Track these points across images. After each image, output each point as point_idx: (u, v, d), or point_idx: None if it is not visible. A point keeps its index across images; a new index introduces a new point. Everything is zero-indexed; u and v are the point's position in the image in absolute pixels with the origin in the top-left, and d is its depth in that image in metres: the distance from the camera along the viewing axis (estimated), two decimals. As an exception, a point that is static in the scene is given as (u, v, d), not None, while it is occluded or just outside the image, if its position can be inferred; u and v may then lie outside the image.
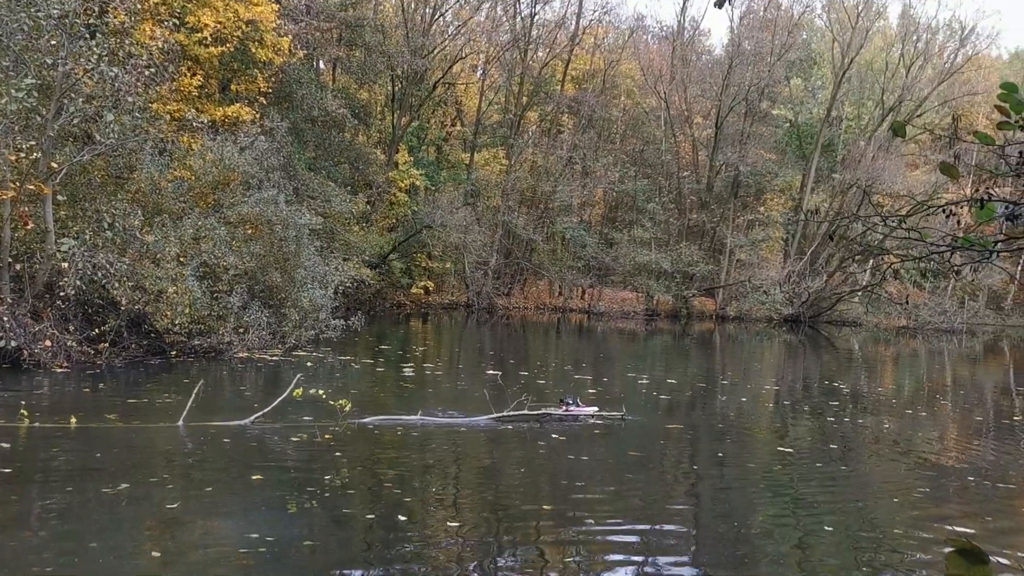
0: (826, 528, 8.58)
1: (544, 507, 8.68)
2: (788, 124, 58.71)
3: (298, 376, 13.40)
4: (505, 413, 13.14)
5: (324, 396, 12.47)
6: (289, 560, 6.74)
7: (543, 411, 13.56)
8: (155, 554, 6.70)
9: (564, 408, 13.69)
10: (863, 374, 26.37)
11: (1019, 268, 59.96)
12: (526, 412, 13.28)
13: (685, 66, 54.80)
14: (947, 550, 2.58)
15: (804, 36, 60.64)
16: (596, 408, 14.18)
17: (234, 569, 6.53)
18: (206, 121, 22.83)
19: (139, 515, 7.78)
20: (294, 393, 12.35)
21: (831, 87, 54.19)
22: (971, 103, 57.20)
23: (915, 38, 54.26)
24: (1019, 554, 7.89)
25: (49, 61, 15.96)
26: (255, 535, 7.20)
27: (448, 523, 8.07)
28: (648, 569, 7.00)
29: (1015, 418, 17.83)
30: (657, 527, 8.26)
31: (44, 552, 6.68)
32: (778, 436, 14.45)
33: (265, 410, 12.02)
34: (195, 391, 12.17)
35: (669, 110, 54.02)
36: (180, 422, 11.44)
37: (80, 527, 7.31)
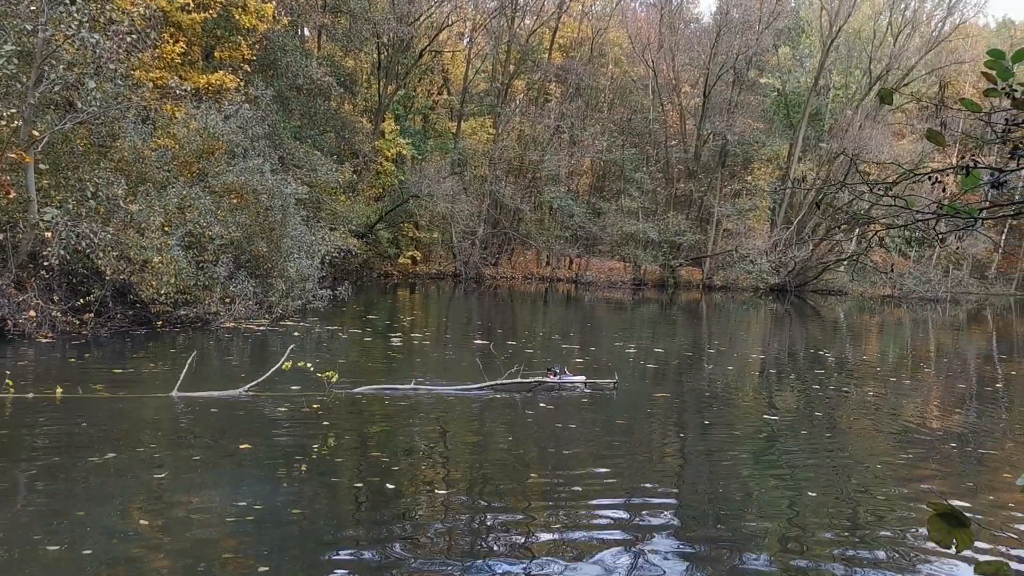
0: (810, 493, 8.67)
1: (531, 474, 8.73)
2: (776, 93, 58.58)
3: (291, 347, 13.40)
4: (498, 382, 13.19)
5: (311, 368, 12.48)
6: (277, 528, 6.77)
7: (536, 380, 13.62)
8: (143, 522, 6.72)
9: (553, 377, 13.75)
10: (848, 342, 26.54)
11: (1003, 236, 60.35)
12: (519, 380, 13.35)
13: (673, 34, 54.55)
14: (929, 514, 2.61)
15: (792, 4, 60.37)
16: (584, 377, 14.25)
17: (222, 537, 6.55)
18: (189, 89, 22.61)
19: (127, 484, 7.79)
20: (283, 366, 12.32)
21: (819, 56, 54.01)
22: (958, 72, 57.22)
23: (903, 6, 54.05)
24: (1000, 517, 8.00)
25: (29, 27, 15.74)
26: (243, 503, 7.22)
27: (436, 491, 8.12)
28: (634, 534, 7.06)
29: (997, 385, 18.01)
30: (643, 493, 8.33)
31: (32, 521, 6.68)
32: (764, 404, 14.55)
33: (259, 379, 12.02)
34: (188, 361, 12.16)
35: (657, 79, 53.82)
36: (174, 392, 11.42)
37: (68, 496, 7.31)
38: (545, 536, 6.90)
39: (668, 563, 6.47)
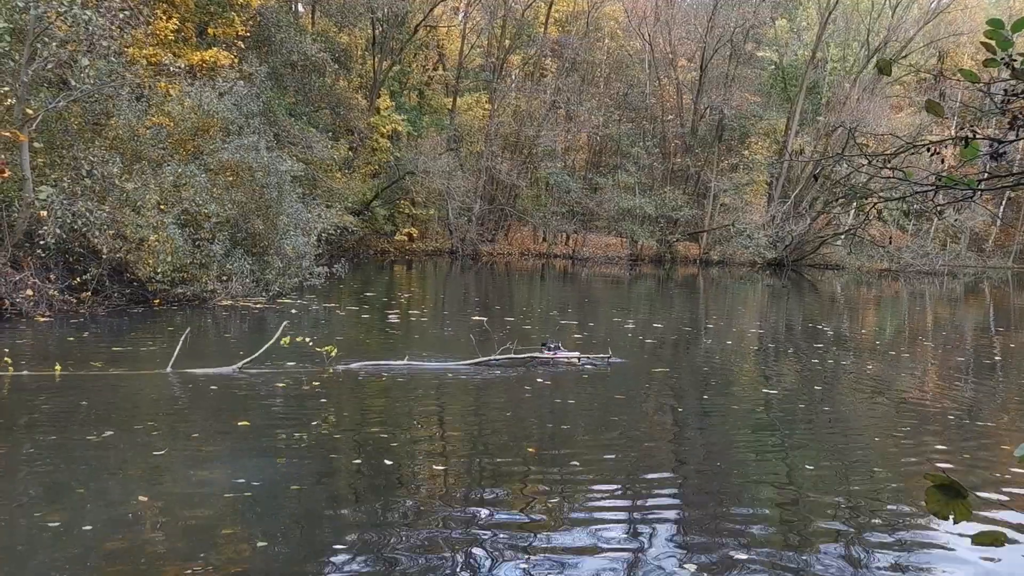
0: (807, 467, 8.71)
1: (529, 450, 8.76)
2: (773, 66, 58.26)
3: (284, 323, 13.41)
4: (491, 357, 13.19)
5: (310, 343, 12.48)
6: (276, 504, 6.79)
7: (528, 356, 13.61)
8: (142, 499, 6.73)
9: (548, 352, 13.75)
10: (846, 317, 26.59)
11: (1001, 209, 60.28)
12: (512, 356, 13.34)
13: (669, 7, 54.12)
14: (927, 486, 2.61)
15: (789, -24, 59.88)
16: (579, 352, 14.24)
17: (221, 513, 6.58)
18: (183, 66, 22.44)
19: (126, 461, 7.80)
20: (282, 341, 12.33)
21: (816, 28, 53.65)
22: (956, 44, 56.84)
23: (901, -23, 53.65)
24: (998, 488, 8.03)
25: (20, 4, 15.58)
26: (242, 480, 7.24)
27: (433, 466, 8.14)
28: (632, 508, 7.09)
29: (995, 357, 18.06)
30: (642, 468, 8.36)
31: (33, 498, 6.70)
32: (762, 378, 14.59)
33: (252, 356, 12.05)
34: (182, 338, 12.19)
35: (653, 53, 53.47)
36: (168, 368, 11.44)
37: (67, 474, 7.33)
38: (543, 510, 6.93)
39: (666, 536, 6.50)
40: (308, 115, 37.74)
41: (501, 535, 6.34)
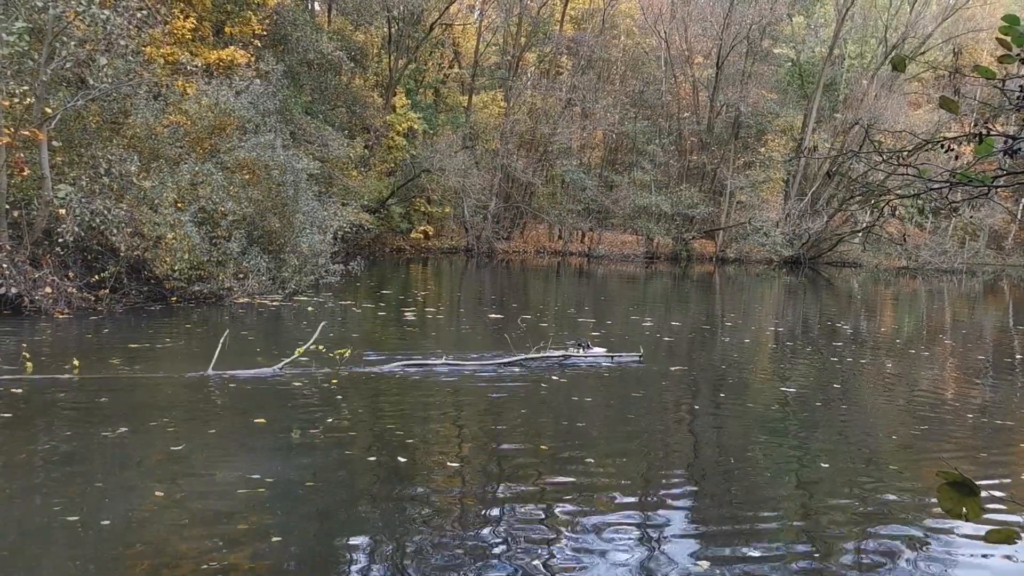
0: (823, 465, 8.68)
1: (543, 447, 8.77)
2: (790, 63, 57.94)
3: (322, 323, 13.41)
4: (529, 356, 13.26)
5: (323, 350, 12.45)
6: (291, 500, 6.84)
7: (562, 354, 13.68)
8: (159, 494, 6.79)
9: (580, 349, 13.84)
10: (863, 314, 26.44)
11: (1021, 206, 59.74)
12: (546, 355, 13.42)
13: (685, 4, 53.93)
14: (939, 483, 2.61)
15: (807, -28, 59.53)
16: (606, 350, 14.28)
17: (237, 508, 6.62)
18: (200, 65, 22.58)
19: (144, 457, 7.87)
20: (296, 351, 12.29)
21: (834, 25, 53.32)
22: (975, 40, 56.34)
23: (919, -27, 53.21)
24: (1014, 487, 7.99)
25: (39, 4, 15.71)
26: (257, 476, 7.29)
27: (448, 464, 8.17)
28: (645, 505, 7.10)
29: (1015, 356, 17.92)
30: (657, 466, 8.36)
31: (51, 492, 6.77)
32: (779, 376, 14.53)
33: (291, 357, 12.01)
34: (222, 339, 12.18)
35: (669, 50, 53.29)
36: (210, 370, 11.39)
37: (86, 469, 7.40)
38: (558, 508, 6.94)
39: (680, 534, 6.51)
40: (324, 113, 37.86)
41: (515, 532, 6.36)
